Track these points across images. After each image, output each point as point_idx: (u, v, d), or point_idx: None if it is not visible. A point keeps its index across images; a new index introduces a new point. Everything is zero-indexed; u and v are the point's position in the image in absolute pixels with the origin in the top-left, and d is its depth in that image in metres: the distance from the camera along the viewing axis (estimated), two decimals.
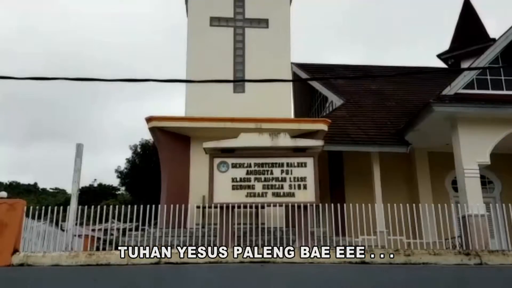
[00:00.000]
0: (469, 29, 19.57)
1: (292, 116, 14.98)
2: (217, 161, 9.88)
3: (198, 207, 10.61)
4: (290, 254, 8.40)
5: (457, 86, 12.83)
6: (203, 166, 10.71)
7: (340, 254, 8.44)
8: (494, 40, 14.23)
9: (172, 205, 9.28)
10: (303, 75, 18.59)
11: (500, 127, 12.08)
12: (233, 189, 9.75)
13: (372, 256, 8.49)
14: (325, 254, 8.45)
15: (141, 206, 9.01)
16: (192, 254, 8.17)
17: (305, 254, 8.42)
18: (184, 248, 8.14)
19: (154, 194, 13.31)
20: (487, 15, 18.62)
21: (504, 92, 13.12)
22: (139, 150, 26.92)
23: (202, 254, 8.12)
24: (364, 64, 20.30)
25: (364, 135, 14.11)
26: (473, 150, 11.92)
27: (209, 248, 8.20)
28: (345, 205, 9.51)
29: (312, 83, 18.39)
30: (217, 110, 12.21)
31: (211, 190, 9.70)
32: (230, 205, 9.52)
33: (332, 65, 20.02)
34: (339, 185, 15.09)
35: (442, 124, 12.49)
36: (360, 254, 8.47)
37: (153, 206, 9.07)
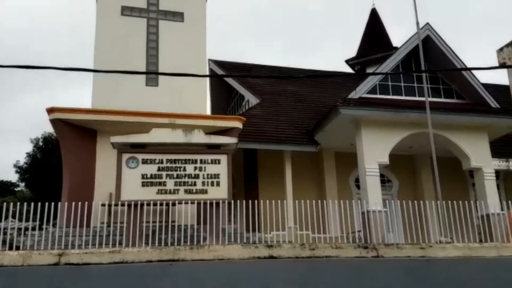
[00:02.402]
0: (375, 38, 20.97)
1: (208, 113, 14.84)
2: (126, 156, 9.43)
3: (103, 205, 10.04)
4: (200, 251, 8.31)
5: (361, 91, 13.66)
6: (110, 161, 10.16)
7: (250, 250, 8.52)
8: (396, 48, 15.36)
9: (74, 203, 8.68)
10: (220, 72, 18.54)
11: (399, 130, 13.08)
12: (143, 186, 9.37)
13: (280, 251, 8.69)
14: (235, 250, 8.49)
15: (40, 204, 8.32)
16: (95, 254, 7.72)
17: (215, 251, 8.38)
18: (87, 248, 7.65)
19: (57, 191, 12.37)
20: (393, 24, 20.08)
21: (404, 97, 14.25)
22: (41, 143, 24.99)
23: (106, 254, 7.69)
24: (281, 66, 20.80)
25: (277, 134, 14.44)
26: (374, 150, 12.76)
27: (115, 248, 7.80)
28: (256, 201, 9.63)
29: (230, 81, 18.43)
30: (127, 104, 11.64)
31: (119, 187, 9.24)
32: (139, 202, 9.15)
33: (250, 64, 20.22)
34: (253, 182, 15.29)
35: (348, 125, 13.21)
36: (269, 249, 8.62)
37: (54, 204, 8.41)
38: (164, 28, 12.94)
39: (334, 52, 54.03)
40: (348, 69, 21.31)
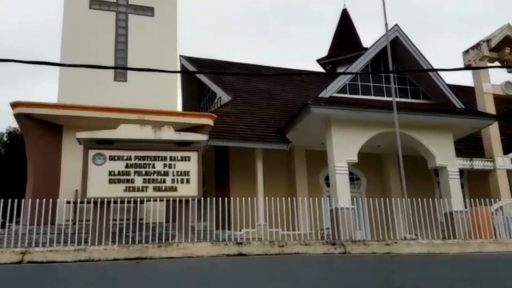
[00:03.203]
0: (345, 38, 21.28)
1: (178, 109, 14.68)
2: (92, 152, 9.24)
3: (68, 202, 9.81)
4: (168, 249, 8.23)
5: (332, 90, 13.83)
6: (76, 158, 9.92)
7: (219, 247, 8.51)
8: (366, 49, 15.61)
9: (38, 200, 8.44)
10: (192, 68, 18.38)
11: (368, 129, 13.33)
12: (110, 183, 9.22)
13: (249, 248, 8.72)
14: (204, 248, 8.46)
15: (3, 200, 8.05)
16: (59, 252, 7.54)
17: (183, 248, 8.32)
18: (51, 246, 7.46)
19: (21, 188, 12.00)
20: (365, 24, 20.38)
21: (372, 97, 14.51)
22: (5, 139, 24.16)
23: (71, 252, 7.52)
24: (254, 63, 20.78)
25: (249, 131, 14.45)
26: (344, 149, 12.97)
27: (80, 246, 7.64)
28: (227, 199, 9.62)
29: (202, 78, 18.29)
30: (95, 99, 11.38)
31: (85, 184, 9.06)
32: (106, 200, 8.98)
33: (222, 61, 20.12)
34: (224, 180, 15.25)
35: (318, 124, 13.35)
36: (238, 246, 8.64)
37: (17, 200, 8.15)
38: (134, 23, 12.74)
39: (306, 51, 54.43)
40: (320, 68, 21.54)
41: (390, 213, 10.51)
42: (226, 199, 9.59)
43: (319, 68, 21.56)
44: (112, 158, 9.33)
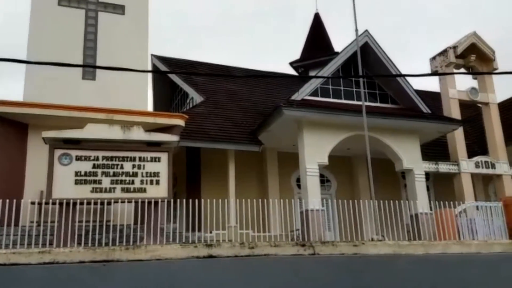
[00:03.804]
0: (318, 41, 21.55)
1: (149, 109, 14.51)
2: (58, 152, 9.02)
3: (33, 203, 9.53)
4: (136, 251, 8.12)
5: (304, 93, 13.98)
6: (42, 157, 9.65)
7: (188, 249, 8.45)
8: (337, 53, 15.85)
9: (1, 200, 8.18)
10: (164, 68, 18.19)
11: (338, 132, 13.53)
12: (76, 183, 9.01)
13: (219, 250, 8.69)
14: (173, 250, 8.38)
15: None
16: (23, 254, 7.33)
17: (152, 251, 8.22)
18: (15, 248, 7.23)
19: None
20: (337, 28, 20.67)
21: (343, 101, 14.75)
22: None
23: (35, 254, 7.33)
24: (227, 65, 20.74)
25: (221, 133, 14.40)
26: (315, 151, 13.12)
27: (45, 248, 7.45)
28: (197, 200, 9.55)
29: (174, 78, 18.12)
30: (62, 97, 11.10)
31: (50, 185, 8.83)
32: (72, 201, 8.78)
33: (195, 62, 19.99)
34: (195, 181, 15.15)
35: (290, 126, 13.47)
36: (208, 248, 8.60)
37: None
38: (104, 21, 12.50)
39: (279, 53, 54.77)
40: (292, 71, 21.72)
41: (358, 215, 10.69)
42: (197, 200, 9.52)
43: (291, 71, 21.75)
44: (78, 158, 9.12)
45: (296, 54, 22.08)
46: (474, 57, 16.20)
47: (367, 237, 12.26)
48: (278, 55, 52.95)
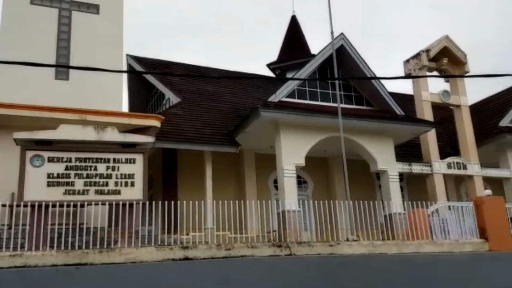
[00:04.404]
0: (294, 44, 21.73)
1: (124, 110, 14.32)
2: (30, 154, 8.80)
3: (4, 205, 9.28)
4: (110, 254, 7.99)
5: (281, 94, 14.08)
6: (13, 159, 9.40)
7: (164, 252, 8.37)
8: (314, 55, 16.01)
9: None
10: (139, 68, 17.98)
11: (315, 133, 13.68)
12: (48, 186, 8.82)
13: (195, 252, 8.65)
14: (148, 253, 8.29)
15: None
16: None
17: (126, 254, 8.11)
18: None
19: None
20: (314, 31, 20.86)
21: (319, 103, 14.91)
22: None
23: (6, 258, 7.14)
24: (204, 65, 20.68)
25: (198, 134, 14.34)
26: (292, 152, 13.23)
27: (16, 251, 7.27)
28: (173, 202, 9.46)
29: (150, 79, 17.93)
30: (34, 97, 10.85)
31: (21, 187, 8.61)
32: (44, 203, 8.58)
33: (171, 62, 19.86)
34: (172, 183, 15.05)
35: (267, 128, 13.53)
36: (184, 250, 8.54)
37: None
38: (78, 20, 12.31)
39: (256, 55, 54.94)
40: (270, 73, 21.82)
41: (334, 215, 10.81)
42: (172, 202, 9.44)
43: (269, 73, 21.84)
44: (51, 160, 8.92)
45: (274, 56, 22.21)
46: (446, 60, 16.63)
47: (343, 237, 12.39)
48: (256, 56, 53.10)
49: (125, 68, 16.40)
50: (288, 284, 8.96)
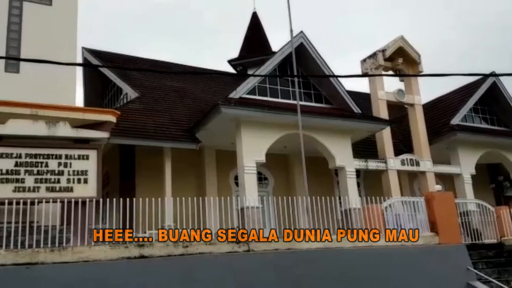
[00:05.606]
0: (255, 41, 21.77)
1: (79, 105, 13.88)
2: None
3: None
4: (62, 253, 7.76)
5: (242, 91, 14.08)
6: None
7: (119, 250, 8.21)
8: (275, 52, 16.10)
9: None
10: (95, 62, 17.44)
11: (275, 130, 13.78)
12: None
13: (152, 250, 8.53)
14: (102, 251, 8.11)
15: None
16: None
17: (79, 252, 7.90)
18: None
19: None
20: (276, 28, 20.94)
21: (280, 100, 15.01)
22: None
23: None
24: (164, 60, 20.32)
25: (157, 130, 14.09)
26: (252, 149, 13.27)
27: None
28: (129, 199, 9.27)
29: (106, 73, 17.42)
30: None
31: None
32: None
33: (129, 56, 19.37)
34: (129, 180, 14.73)
35: (228, 124, 13.50)
36: (140, 249, 8.41)
37: None
38: (29, 11, 11.79)
39: (218, 51, 54.68)
40: (231, 69, 21.76)
41: (293, 211, 10.95)
42: (128, 199, 9.24)
43: (230, 69, 21.78)
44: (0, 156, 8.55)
45: (235, 53, 22.15)
46: (401, 60, 17.16)
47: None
48: (218, 52, 52.83)
49: (80, 61, 15.86)
50: (246, 279, 9.02)
